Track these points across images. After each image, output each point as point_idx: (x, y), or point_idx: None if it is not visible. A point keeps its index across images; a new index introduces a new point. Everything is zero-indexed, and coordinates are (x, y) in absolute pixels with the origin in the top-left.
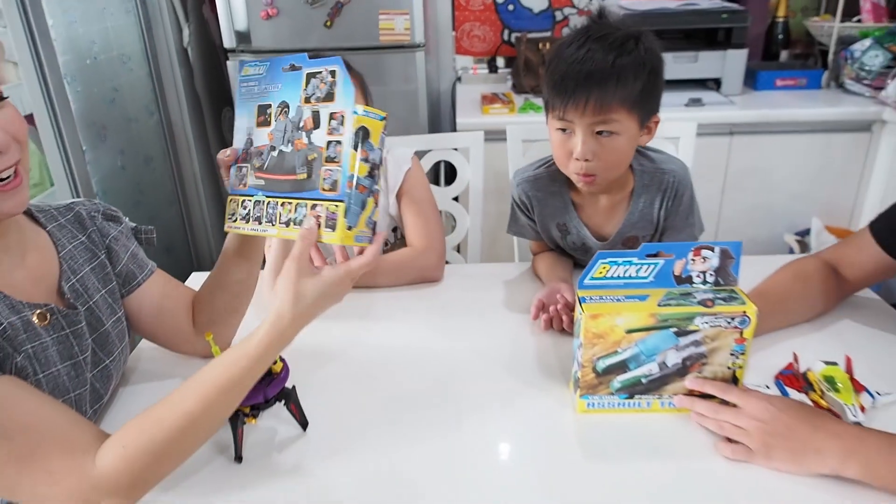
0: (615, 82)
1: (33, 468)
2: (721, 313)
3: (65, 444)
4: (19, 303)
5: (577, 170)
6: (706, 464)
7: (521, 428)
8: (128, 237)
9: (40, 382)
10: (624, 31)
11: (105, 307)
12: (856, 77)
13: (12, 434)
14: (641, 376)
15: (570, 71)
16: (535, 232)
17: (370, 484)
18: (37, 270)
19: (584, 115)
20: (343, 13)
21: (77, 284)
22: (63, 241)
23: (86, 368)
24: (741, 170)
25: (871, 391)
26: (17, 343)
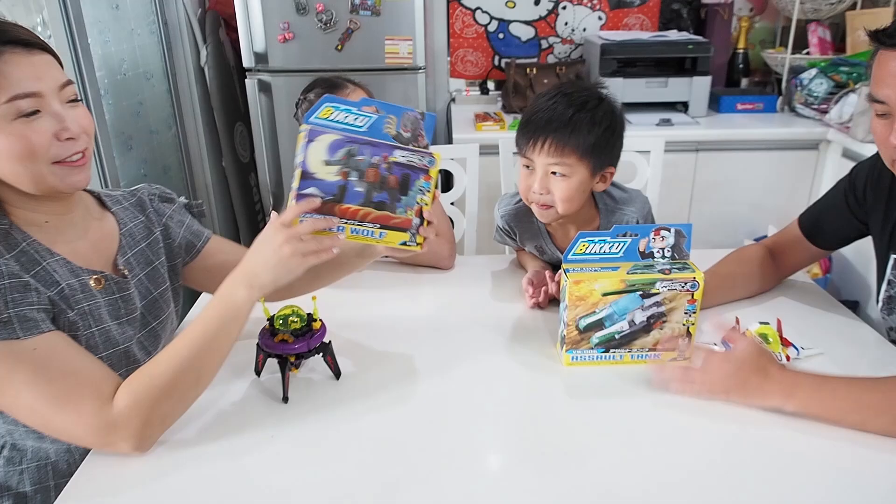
0: (569, 132)
1: (66, 409)
2: (676, 279)
3: (94, 391)
4: (78, 268)
5: (535, 200)
6: (669, 402)
7: (518, 378)
8: (181, 213)
9: (93, 335)
10: (590, 92)
11: (156, 278)
12: (805, 102)
13: (54, 378)
14: (615, 332)
15: (535, 118)
16: (517, 246)
17: (390, 422)
18: (98, 243)
19: (541, 155)
20: (353, 38)
21: (131, 258)
22: (125, 220)
23: (133, 326)
24: (706, 183)
25: (797, 346)
26: (73, 301)
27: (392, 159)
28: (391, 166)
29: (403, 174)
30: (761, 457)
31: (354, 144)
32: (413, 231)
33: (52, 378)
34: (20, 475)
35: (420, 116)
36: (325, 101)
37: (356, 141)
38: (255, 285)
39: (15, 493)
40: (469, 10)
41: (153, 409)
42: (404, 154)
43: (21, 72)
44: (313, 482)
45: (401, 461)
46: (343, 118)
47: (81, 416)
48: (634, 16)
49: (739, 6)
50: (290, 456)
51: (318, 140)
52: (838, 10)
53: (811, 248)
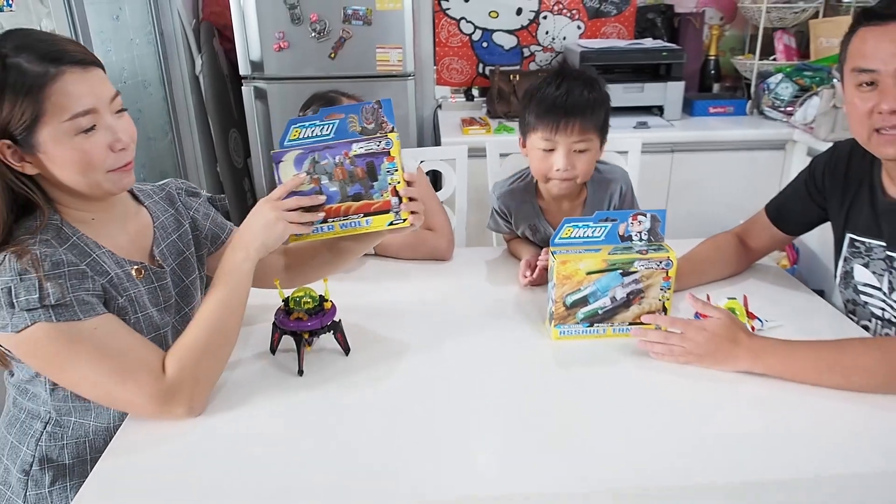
0: (591, 113)
1: (126, 380)
2: (652, 258)
3: (150, 365)
4: (122, 259)
5: (558, 176)
6: (646, 370)
7: (512, 351)
8: (206, 206)
9: (139, 320)
10: (586, 75)
11: (187, 267)
12: (772, 105)
13: (114, 354)
14: (598, 308)
15: (556, 102)
16: (511, 231)
17: (396, 392)
18: (136, 235)
19: (569, 136)
20: (345, 46)
21: (165, 249)
22: (157, 214)
23: (169, 313)
24: (682, 181)
25: (762, 318)
26: (122, 289)
27: (353, 153)
28: (354, 160)
29: (368, 163)
30: (730, 409)
31: (315, 153)
32: (395, 210)
33: (112, 354)
34: (61, 449)
35: (377, 105)
36: (290, 125)
37: (315, 149)
38: (249, 248)
39: (56, 464)
40: (454, 20)
41: (198, 371)
42: (361, 145)
43: (79, 90)
44: (326, 446)
45: (405, 427)
46: (311, 133)
47: (142, 387)
48: (612, 25)
49: (710, 15)
50: (306, 423)
51: (284, 160)
52: (802, 18)
53: (777, 233)
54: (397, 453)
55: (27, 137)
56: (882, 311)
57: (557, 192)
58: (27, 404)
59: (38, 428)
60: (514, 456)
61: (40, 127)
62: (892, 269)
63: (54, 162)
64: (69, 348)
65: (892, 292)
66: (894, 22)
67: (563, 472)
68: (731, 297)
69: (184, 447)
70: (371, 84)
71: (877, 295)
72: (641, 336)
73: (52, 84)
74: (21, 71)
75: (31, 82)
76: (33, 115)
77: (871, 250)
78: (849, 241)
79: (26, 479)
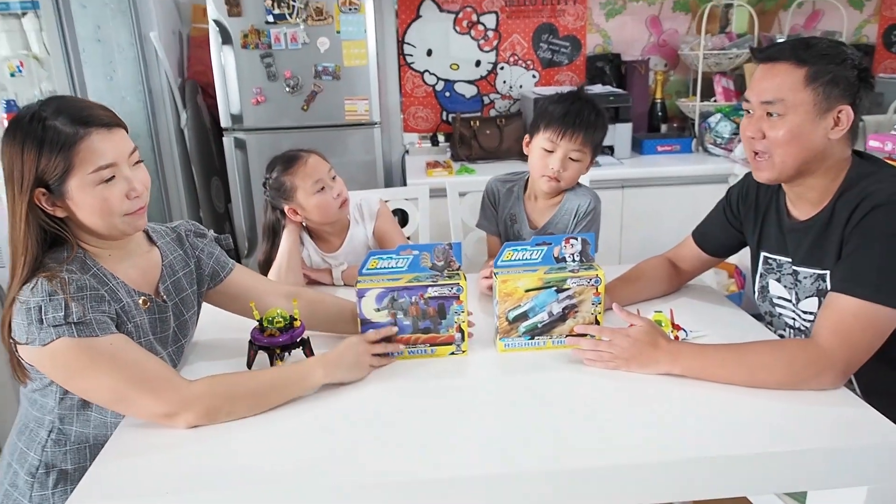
0: (593, 131)
1: (144, 389)
2: (583, 276)
3: (165, 376)
4: (133, 290)
5: (549, 174)
6: (580, 375)
7: (464, 362)
8: (212, 246)
9: (142, 344)
10: (594, 102)
11: (188, 303)
12: (713, 142)
13: (132, 367)
14: (537, 322)
15: (570, 113)
16: (495, 225)
17: (360, 401)
18: (146, 270)
19: (570, 143)
20: (317, 99)
21: (170, 286)
22: (167, 253)
23: (166, 343)
24: (633, 214)
25: (686, 329)
26: (130, 315)
27: (427, 296)
28: (427, 301)
29: (439, 304)
30: (653, 402)
31: (395, 292)
32: (457, 343)
33: (128, 365)
34: (64, 455)
35: (448, 247)
36: (369, 256)
37: (395, 289)
38: (330, 374)
39: (59, 469)
40: (418, 72)
41: (220, 404)
42: (436, 289)
43: (102, 147)
44: (295, 450)
45: (370, 425)
46: (387, 264)
47: (159, 397)
48: (564, 73)
49: (655, 62)
50: (276, 430)
51: (366, 296)
52: (737, 63)
53: (703, 255)
54: (357, 451)
55: (59, 186)
56: (793, 320)
57: (545, 190)
58: (34, 413)
59: (43, 436)
60: (464, 439)
61: (70, 177)
62: (798, 282)
63: (79, 207)
64: (89, 359)
65: (799, 302)
66: (767, 62)
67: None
68: (657, 310)
69: (172, 450)
70: (341, 132)
71: (787, 306)
72: (575, 344)
73: (81, 143)
74: (57, 131)
75: (64, 140)
76: (65, 168)
77: (781, 266)
78: (763, 259)
79: (32, 481)
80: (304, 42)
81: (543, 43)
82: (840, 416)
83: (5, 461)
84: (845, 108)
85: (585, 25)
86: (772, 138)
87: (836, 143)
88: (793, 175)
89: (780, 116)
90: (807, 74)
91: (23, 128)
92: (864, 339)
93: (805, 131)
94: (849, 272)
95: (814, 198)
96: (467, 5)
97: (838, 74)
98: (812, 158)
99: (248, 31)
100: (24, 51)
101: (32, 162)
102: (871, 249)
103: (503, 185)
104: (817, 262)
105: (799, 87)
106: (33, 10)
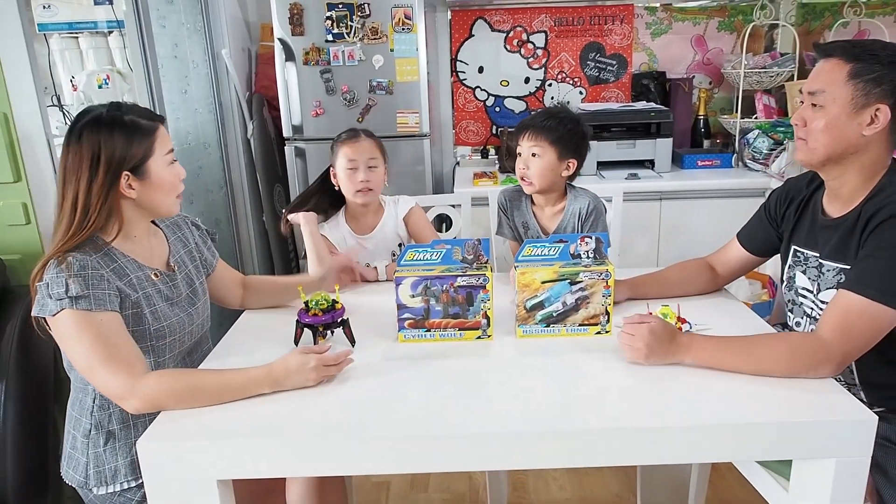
0: (543, 127)
1: (108, 368)
2: (594, 271)
3: (129, 364)
4: (145, 266)
5: (520, 174)
6: (590, 357)
7: (488, 345)
8: (204, 238)
9: (155, 311)
10: (564, 110)
11: (194, 274)
12: (752, 157)
13: (107, 345)
14: (553, 311)
15: (526, 120)
16: (511, 230)
17: (393, 374)
18: (156, 249)
19: (527, 141)
20: (371, 112)
21: (178, 259)
22: (170, 235)
23: (181, 307)
24: (670, 227)
25: (691, 322)
26: (139, 287)
27: (456, 284)
28: (457, 289)
29: (468, 292)
30: (653, 379)
31: (428, 280)
32: (483, 328)
33: (104, 343)
34: (109, 417)
35: (478, 242)
36: (407, 249)
37: (429, 278)
38: (277, 384)
39: (106, 430)
40: (470, 88)
41: (165, 397)
42: (464, 279)
43: (167, 136)
44: (334, 415)
45: (399, 400)
46: (422, 257)
47: (116, 377)
48: (610, 90)
49: (700, 80)
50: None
51: (403, 283)
52: (778, 81)
53: (745, 254)
54: (395, 417)
55: (141, 166)
56: (811, 309)
57: (527, 192)
58: (80, 385)
59: (89, 403)
60: (483, 412)
61: (150, 159)
62: (822, 274)
63: (156, 184)
64: (78, 329)
65: (819, 293)
66: (823, 56)
67: (517, 417)
68: (664, 304)
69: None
70: (392, 143)
71: (809, 297)
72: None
73: (156, 132)
74: (138, 123)
75: (146, 129)
76: (147, 151)
77: (808, 259)
78: (792, 252)
79: (87, 441)
80: (361, 59)
81: (591, 61)
82: (818, 396)
83: (68, 429)
84: (883, 106)
85: (631, 44)
86: (811, 126)
87: (873, 141)
88: (823, 162)
89: (820, 107)
90: (851, 70)
91: (105, 121)
92: (864, 335)
93: (840, 124)
94: (860, 273)
95: (846, 195)
96: (518, 25)
97: (883, 74)
98: (844, 150)
99: (309, 49)
100: (108, 66)
101: (123, 146)
102: (883, 255)
103: (511, 194)
104: (841, 257)
105: (841, 82)
106: (118, 28)
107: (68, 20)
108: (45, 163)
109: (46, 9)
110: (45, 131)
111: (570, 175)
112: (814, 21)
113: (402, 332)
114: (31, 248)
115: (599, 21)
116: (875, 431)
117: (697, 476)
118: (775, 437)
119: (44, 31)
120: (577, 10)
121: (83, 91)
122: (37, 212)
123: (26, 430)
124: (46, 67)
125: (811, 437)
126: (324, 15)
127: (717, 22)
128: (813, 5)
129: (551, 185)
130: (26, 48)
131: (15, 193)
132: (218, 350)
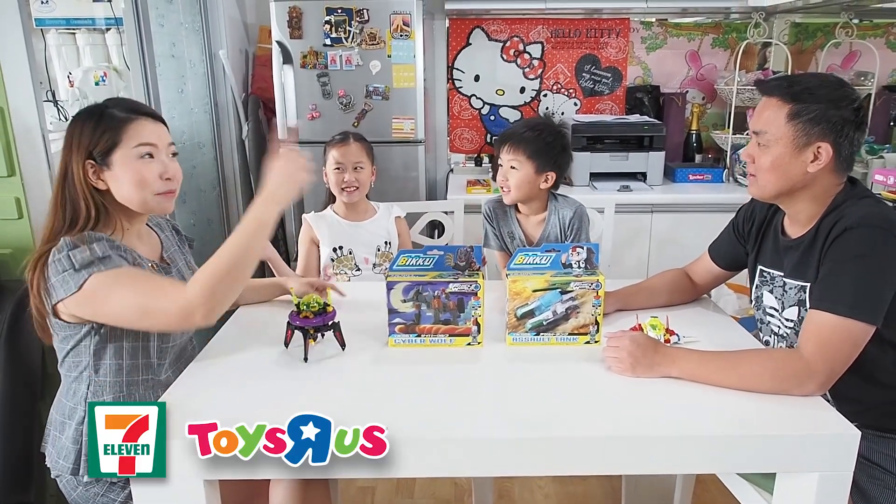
0: (521, 140)
1: (159, 296)
2: (584, 280)
3: (174, 287)
4: (144, 258)
5: (500, 185)
6: (577, 366)
7: (478, 351)
8: (182, 243)
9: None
10: (545, 122)
11: (185, 268)
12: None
13: (146, 281)
14: (543, 319)
15: (505, 134)
16: (498, 240)
17: (382, 378)
18: (151, 245)
19: (506, 154)
20: (366, 117)
21: (171, 254)
22: (160, 232)
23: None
24: (661, 239)
25: (679, 334)
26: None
27: (448, 291)
28: (448, 295)
29: (459, 299)
30: (639, 389)
31: (420, 285)
32: (473, 335)
33: (144, 281)
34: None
35: (470, 249)
36: (400, 254)
37: (420, 283)
38: (275, 200)
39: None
40: (465, 96)
41: (216, 288)
42: (456, 285)
43: (146, 131)
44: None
45: (387, 405)
46: (415, 262)
47: (172, 301)
48: (605, 102)
49: (693, 95)
50: (308, 401)
51: (395, 288)
52: None
53: (716, 268)
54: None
55: (105, 158)
56: (778, 327)
57: (507, 202)
58: (74, 374)
59: (83, 391)
60: (470, 416)
61: (115, 151)
62: (785, 292)
63: (119, 178)
64: (114, 283)
65: (783, 311)
66: (764, 95)
67: (505, 423)
68: (653, 316)
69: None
70: (387, 148)
71: (776, 315)
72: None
73: (129, 124)
74: (112, 114)
75: (116, 122)
76: (112, 142)
77: (774, 279)
78: (759, 272)
79: (81, 428)
80: (358, 64)
81: (586, 73)
82: (802, 411)
83: (56, 419)
84: (824, 144)
85: (627, 58)
86: (758, 164)
87: (821, 175)
88: (775, 197)
89: (765, 146)
90: (790, 111)
91: (87, 111)
92: (843, 351)
93: (784, 162)
94: (826, 291)
95: (803, 219)
96: (515, 35)
97: (821, 114)
98: (792, 186)
99: (307, 53)
100: (105, 63)
101: (88, 136)
102: (844, 269)
103: (495, 204)
104: (801, 275)
105: (781, 123)
106: (116, 26)
107: (66, 16)
108: (39, 158)
109: (44, 3)
110: (41, 126)
111: (553, 185)
112: (806, 41)
113: (392, 337)
114: (23, 242)
115: (596, 34)
116: (858, 446)
117: (682, 486)
118: (759, 450)
119: (41, 26)
120: (574, 22)
121: (79, 87)
122: (30, 207)
123: (12, 425)
124: (42, 62)
125: (795, 451)
126: (322, 19)
127: (712, 38)
128: (806, 25)
129: (529, 196)
130: (24, 43)
131: (8, 188)
132: (210, 349)
